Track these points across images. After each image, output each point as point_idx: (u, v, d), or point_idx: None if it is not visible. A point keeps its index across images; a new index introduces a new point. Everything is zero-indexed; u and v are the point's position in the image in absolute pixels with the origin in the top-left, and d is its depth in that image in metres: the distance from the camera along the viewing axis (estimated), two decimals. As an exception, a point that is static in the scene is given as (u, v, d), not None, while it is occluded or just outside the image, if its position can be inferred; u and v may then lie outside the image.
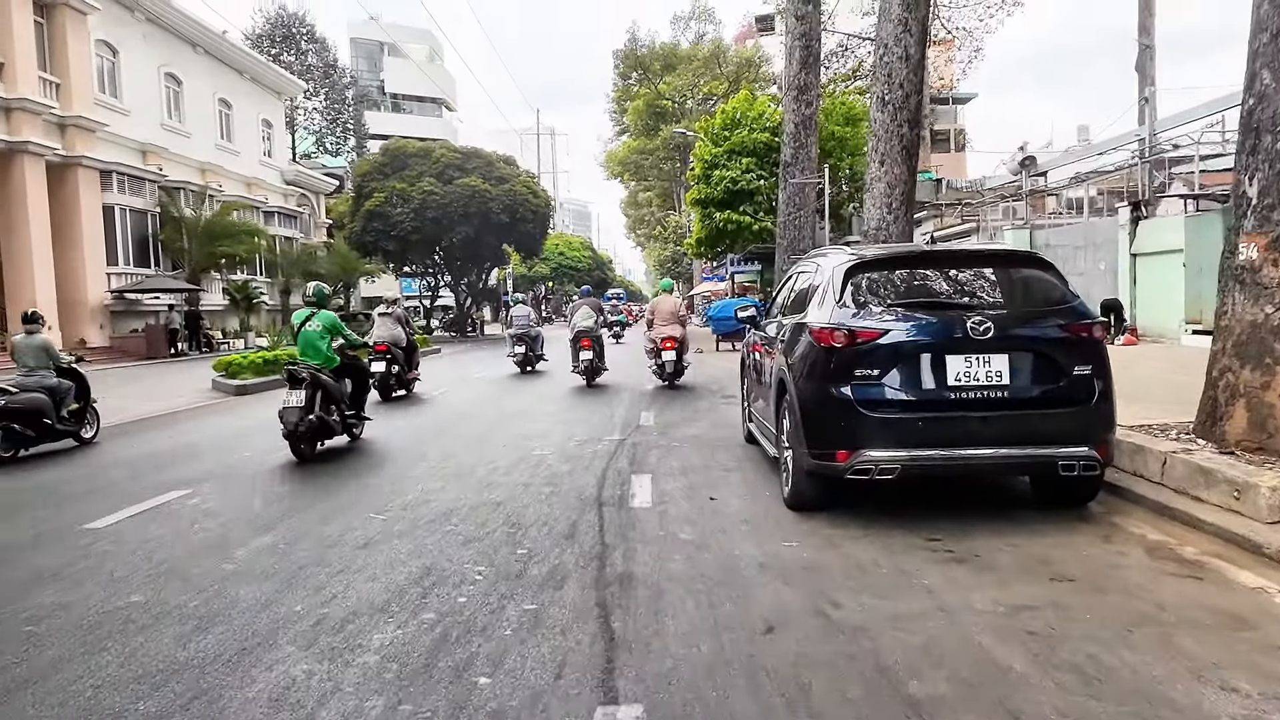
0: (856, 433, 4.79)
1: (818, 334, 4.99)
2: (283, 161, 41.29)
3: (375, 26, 63.49)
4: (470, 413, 11.11)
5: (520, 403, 12.30)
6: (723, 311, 23.48)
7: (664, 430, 8.98)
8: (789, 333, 5.62)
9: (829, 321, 4.97)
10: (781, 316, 6.55)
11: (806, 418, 5.06)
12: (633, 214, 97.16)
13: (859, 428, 4.78)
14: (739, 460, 7.21)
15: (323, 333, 8.32)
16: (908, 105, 14.87)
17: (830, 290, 5.17)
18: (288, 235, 38.35)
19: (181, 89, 31.86)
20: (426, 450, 8.22)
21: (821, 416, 4.97)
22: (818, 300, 5.33)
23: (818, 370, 4.99)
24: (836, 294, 5.09)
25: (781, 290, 6.97)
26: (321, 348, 8.27)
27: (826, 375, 4.91)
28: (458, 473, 7.03)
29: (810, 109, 24.77)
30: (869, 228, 15.42)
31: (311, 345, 8.27)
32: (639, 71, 70.22)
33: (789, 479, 5.44)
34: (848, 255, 5.36)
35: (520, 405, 11.98)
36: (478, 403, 12.48)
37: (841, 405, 4.82)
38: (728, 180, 31.06)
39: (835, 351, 4.87)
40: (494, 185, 36.60)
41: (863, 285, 5.11)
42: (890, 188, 15.07)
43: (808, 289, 5.78)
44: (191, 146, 31.98)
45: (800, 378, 5.17)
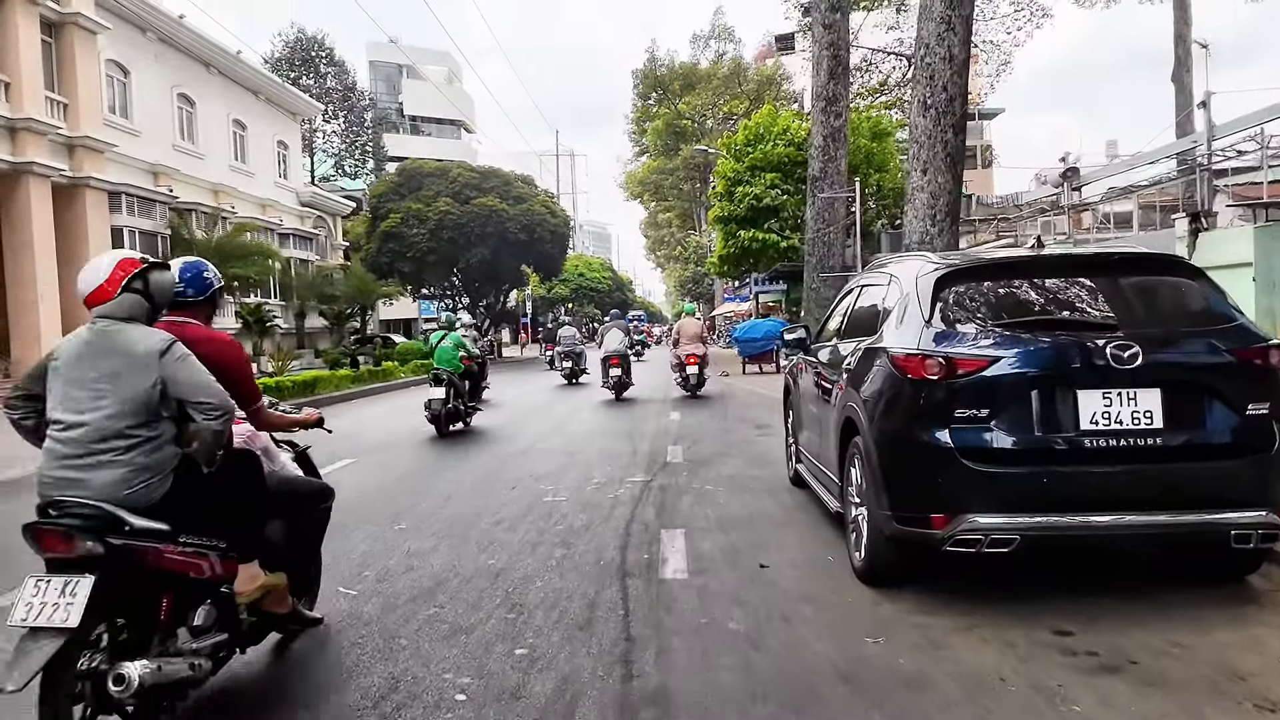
0: (959, 491, 3.67)
1: (903, 363, 3.88)
2: (298, 183, 40.80)
3: (394, 49, 63.51)
4: (493, 441, 10.10)
5: (542, 427, 11.23)
6: (749, 332, 22.38)
7: (694, 468, 7.86)
8: (857, 360, 4.52)
9: (918, 347, 3.85)
10: (838, 340, 5.45)
11: (888, 470, 3.95)
12: (652, 235, 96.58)
13: (962, 485, 3.66)
14: (787, 510, 6.08)
15: (453, 347, 11.62)
16: (952, 109, 13.77)
17: (915, 306, 4.06)
18: (303, 257, 37.75)
19: (195, 110, 31.38)
20: (427, 489, 7.16)
21: (910, 469, 3.85)
22: (897, 319, 4.23)
23: (904, 409, 3.88)
24: (924, 311, 3.98)
25: (838, 308, 5.86)
26: (453, 358, 11.46)
27: (917, 416, 3.80)
28: (449, 529, 5.94)
29: (839, 120, 23.74)
30: (910, 242, 14.29)
31: (446, 356, 11.45)
32: (658, 91, 69.73)
33: (860, 544, 4.32)
34: (935, 262, 4.25)
35: (541, 432, 10.92)
36: (502, 431, 11.47)
37: (938, 455, 3.70)
38: (751, 197, 30.05)
39: (928, 385, 3.75)
40: (511, 205, 35.81)
41: (959, 300, 4.00)
42: (934, 198, 13.95)
43: (879, 305, 4.68)
44: (204, 168, 31.44)
45: (878, 418, 4.06)
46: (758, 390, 17.11)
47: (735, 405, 13.96)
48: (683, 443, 9.63)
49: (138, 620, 2.76)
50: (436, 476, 7.96)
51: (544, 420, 12.71)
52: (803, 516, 5.83)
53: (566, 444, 9.85)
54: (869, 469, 4.09)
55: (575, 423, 12.19)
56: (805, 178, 31.13)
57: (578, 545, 5.24)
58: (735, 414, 12.64)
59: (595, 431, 11.01)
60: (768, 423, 11.31)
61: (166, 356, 2.83)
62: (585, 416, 12.93)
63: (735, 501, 6.37)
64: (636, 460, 8.50)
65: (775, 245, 30.48)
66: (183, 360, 2.86)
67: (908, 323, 4.09)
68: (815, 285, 24.23)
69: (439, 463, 8.87)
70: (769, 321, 23.10)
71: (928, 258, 4.43)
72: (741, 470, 7.71)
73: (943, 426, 3.71)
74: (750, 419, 11.90)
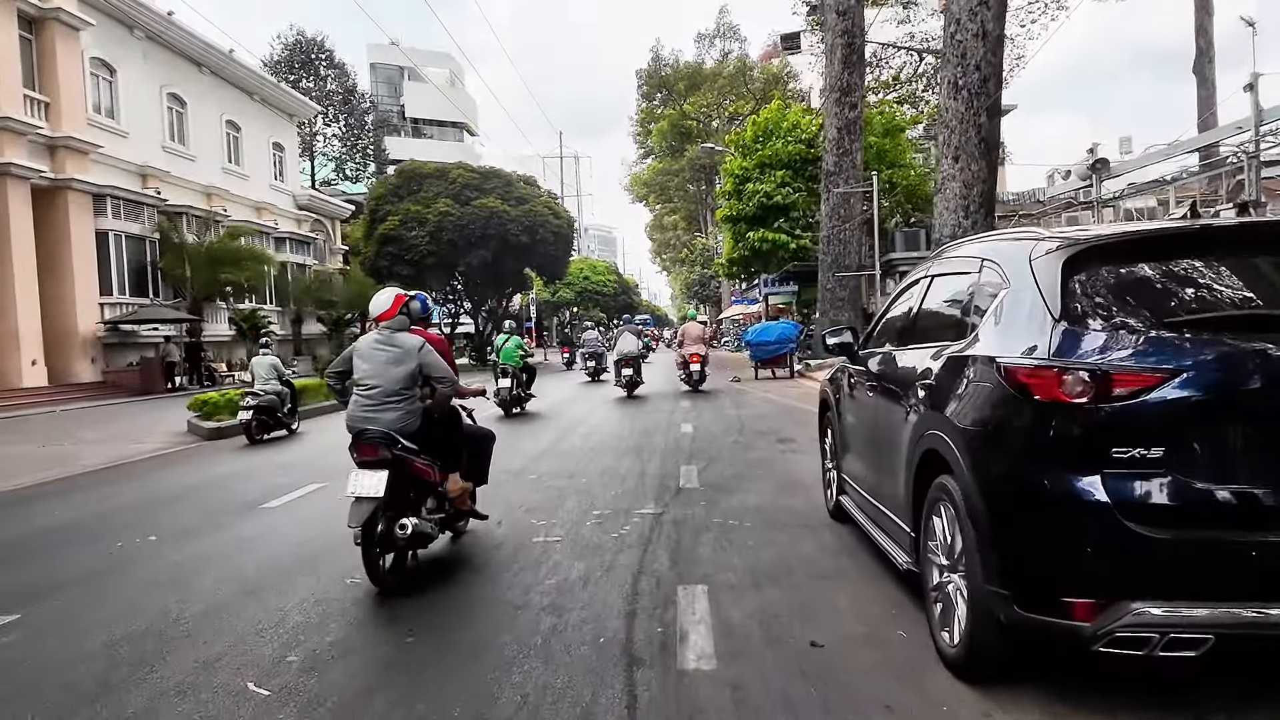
0: (1118, 567, 2.52)
1: (1026, 378, 2.73)
2: (295, 186, 39.83)
3: (395, 51, 62.52)
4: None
5: (538, 444, 10.06)
6: (762, 336, 21.21)
7: (713, 496, 6.70)
8: (942, 373, 3.37)
9: (1049, 356, 2.70)
10: (899, 346, 4.31)
11: (1003, 531, 2.80)
12: (658, 238, 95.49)
13: (1123, 558, 2.51)
14: (832, 555, 4.92)
15: (515, 348, 14.43)
16: (985, 90, 12.60)
17: (1034, 298, 2.91)
18: (300, 262, 36.79)
19: (186, 110, 30.42)
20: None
21: (1039, 532, 2.70)
22: (1002, 317, 3.09)
23: (1027, 445, 2.73)
24: (1051, 305, 2.82)
25: (896, 306, 4.71)
26: (515, 355, 14.30)
27: (1049, 455, 2.65)
28: (426, 580, 4.80)
29: (854, 112, 22.59)
30: (940, 236, 13.11)
31: (509, 354, 14.29)
32: (663, 91, 68.62)
33: (953, 623, 3.17)
34: (1058, 239, 3.08)
35: (537, 450, 9.75)
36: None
37: (1084, 512, 2.55)
38: (761, 195, 28.88)
39: (1068, 411, 2.60)
40: (513, 206, 34.72)
41: (1098, 289, 2.84)
42: (966, 187, 12.77)
43: (966, 298, 3.53)
44: (196, 170, 30.47)
45: (984, 455, 2.91)
46: (774, 397, 15.95)
47: (752, 415, 12.79)
48: (697, 461, 8.47)
49: (402, 500, 4.61)
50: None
51: (544, 434, 11.57)
52: (854, 567, 4.67)
53: (565, 464, 8.71)
54: (969, 525, 2.94)
55: (577, 436, 11.06)
56: (816, 176, 29.99)
57: (571, 611, 4.09)
58: (753, 426, 11.48)
59: (599, 447, 9.86)
60: (791, 436, 10.16)
61: (422, 351, 4.80)
62: (590, 427, 11.80)
63: (766, 543, 5.21)
64: (645, 484, 7.34)
65: (785, 245, 29.29)
66: (428, 352, 4.83)
67: (1021, 321, 2.94)
68: (830, 285, 23.03)
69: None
70: (782, 324, 21.93)
71: (1039, 234, 3.27)
72: (769, 499, 6.54)
73: (1092, 471, 2.56)
74: (770, 431, 10.74)
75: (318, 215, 41.12)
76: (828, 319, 23.03)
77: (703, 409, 14.05)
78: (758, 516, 5.92)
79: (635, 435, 10.93)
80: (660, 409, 14.35)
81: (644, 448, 9.63)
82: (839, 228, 22.16)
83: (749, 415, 12.80)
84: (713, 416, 12.84)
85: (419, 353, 4.77)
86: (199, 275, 27.37)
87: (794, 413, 13.04)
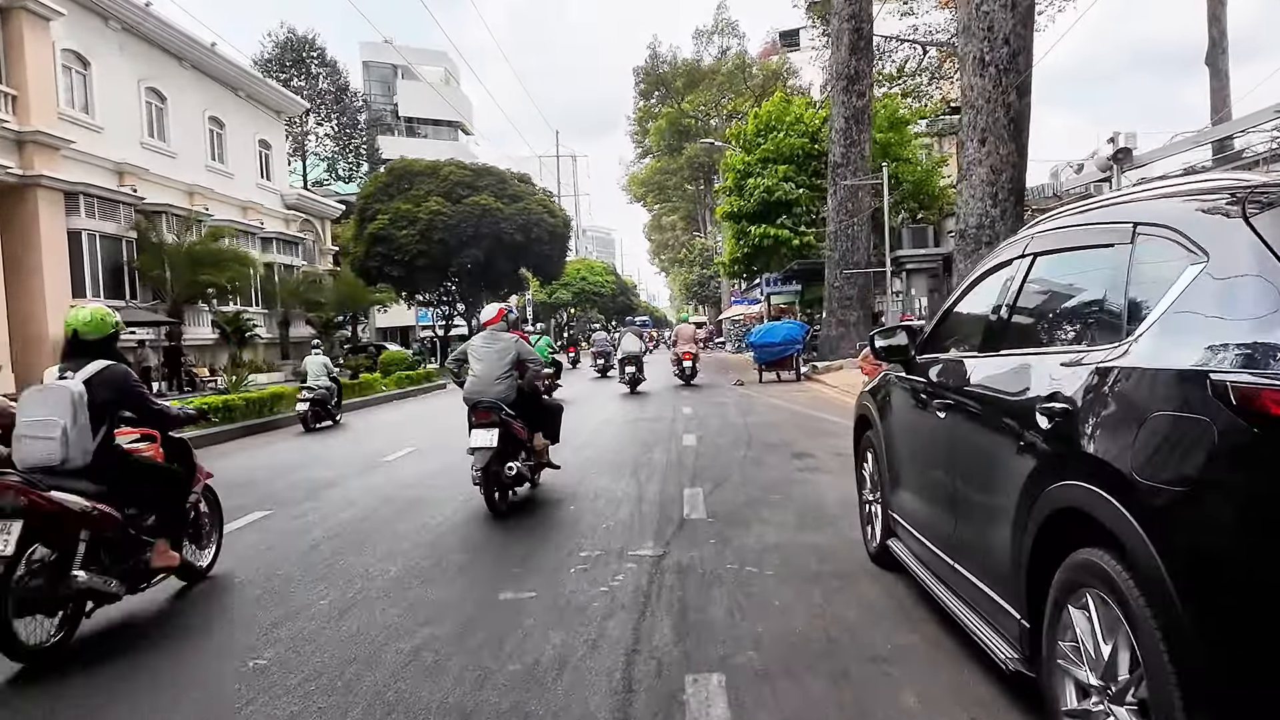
0: None
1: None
2: (283, 185, 38.68)
3: (388, 49, 61.36)
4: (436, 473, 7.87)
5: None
6: (766, 336, 20.05)
7: (724, 531, 5.57)
8: (1084, 392, 2.25)
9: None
10: (974, 351, 3.20)
11: (1236, 656, 1.68)
12: (656, 238, 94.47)
13: None
14: (887, 622, 3.77)
15: (545, 347, 16.29)
16: (1015, 66, 11.48)
17: (1256, 280, 1.80)
18: (288, 263, 35.62)
19: (166, 105, 29.27)
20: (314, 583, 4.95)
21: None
22: (1192, 306, 1.97)
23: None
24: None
25: (969, 299, 3.58)
26: (545, 354, 14.46)
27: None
28: (348, 684, 3.72)
29: (862, 101, 21.48)
30: (966, 226, 12.02)
31: (541, 351, 12.60)
32: (661, 89, 67.56)
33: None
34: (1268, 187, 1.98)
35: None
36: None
37: None
38: (763, 190, 27.78)
39: None
40: (506, 204, 33.57)
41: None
42: (994, 172, 11.66)
43: (1110, 283, 2.40)
44: (177, 167, 29.31)
45: (1193, 527, 1.79)
46: (782, 403, 14.83)
47: (760, 424, 11.68)
48: (702, 482, 7.34)
49: (505, 451, 6.37)
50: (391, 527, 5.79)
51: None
52: (919, 644, 3.53)
53: (550, 483, 7.59)
54: (1155, 639, 1.82)
55: (567, 449, 9.95)
56: (820, 171, 28.87)
57: (538, 717, 2.97)
58: (763, 436, 10.35)
59: (589, 462, 8.73)
60: (807, 450, 9.04)
61: (518, 344, 6.74)
62: (583, 441, 10.69)
63: (796, 602, 4.08)
64: (643, 513, 6.21)
65: (788, 242, 28.19)
66: (523, 345, 6.85)
67: (1237, 314, 1.82)
68: (838, 283, 21.92)
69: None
70: (787, 324, 20.77)
71: (1243, 180, 2.16)
72: (791, 535, 5.41)
73: None
74: (783, 444, 9.61)
75: (307, 215, 39.97)
76: (835, 318, 21.92)
77: (707, 416, 12.94)
78: (780, 561, 4.79)
79: (635, 446, 9.82)
80: (661, 416, 13.25)
81: (642, 465, 8.51)
82: (847, 222, 21.05)
83: (757, 424, 11.68)
84: (718, 425, 11.72)
85: (515, 345, 6.73)
86: (179, 276, 26.25)
87: (806, 421, 11.93)
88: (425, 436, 11.89)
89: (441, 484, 7.80)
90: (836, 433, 10.48)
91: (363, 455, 10.25)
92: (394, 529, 6.06)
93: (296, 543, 5.77)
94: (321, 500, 7.41)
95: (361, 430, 13.92)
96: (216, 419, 13.81)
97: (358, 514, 6.72)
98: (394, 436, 12.08)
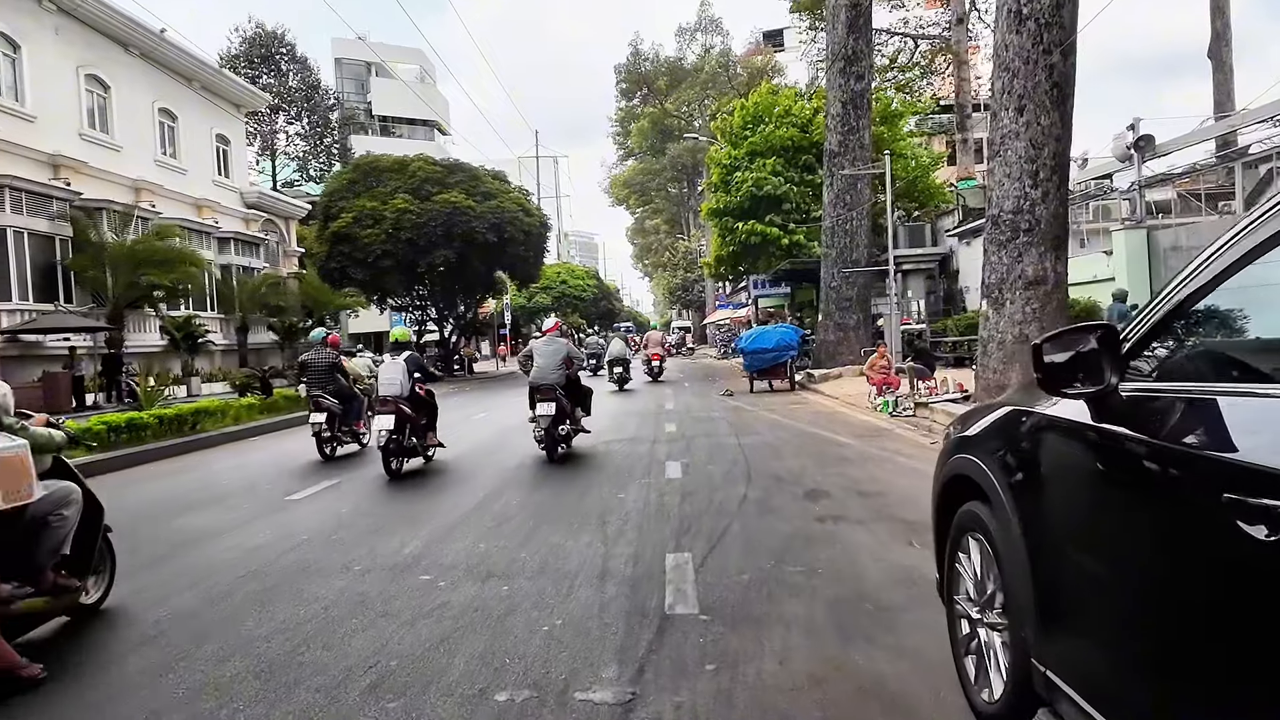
0: None
1: None
2: (243, 182, 36.53)
3: (361, 47, 59.26)
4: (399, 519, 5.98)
5: (469, 497, 7.08)
6: (758, 342, 18.19)
7: (726, 645, 3.63)
8: None
9: None
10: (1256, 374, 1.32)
11: None
12: (640, 242, 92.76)
13: None
14: None
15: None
16: (1059, 19, 9.65)
17: None
18: (248, 264, 33.48)
19: (109, 95, 27.12)
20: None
21: None
22: None
23: None
24: None
25: (1240, 273, 1.71)
26: None
27: None
28: None
29: (861, 84, 19.69)
30: (1001, 211, 10.21)
31: None
32: (643, 89, 65.82)
33: None
34: None
35: (452, 520, 6.77)
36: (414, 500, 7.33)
37: None
38: (751, 184, 25.99)
39: None
40: (479, 202, 31.60)
41: None
42: (1034, 146, 9.85)
43: None
44: (121, 161, 27.16)
45: None
46: (780, 419, 12.98)
47: (758, 447, 9.83)
48: (692, 540, 5.46)
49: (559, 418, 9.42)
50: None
51: (474, 486, 8.61)
52: None
53: (489, 543, 5.69)
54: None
55: (514, 490, 8.06)
56: (811, 165, 27.09)
57: None
58: (765, 466, 8.49)
59: (535, 509, 6.83)
60: (822, 486, 7.19)
61: (569, 346, 9.85)
62: (525, 479, 8.84)
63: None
64: (604, 601, 4.31)
65: (778, 240, 26.38)
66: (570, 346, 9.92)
67: None
68: (835, 283, 20.09)
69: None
70: (781, 328, 18.90)
71: None
72: (833, 654, 3.49)
73: None
74: (791, 478, 7.75)
75: (270, 215, 37.81)
76: (832, 322, 20.11)
77: (694, 436, 11.10)
78: (828, 714, 2.90)
79: (603, 482, 7.93)
80: (641, 436, 11.39)
81: (611, 510, 6.62)
82: (844, 216, 19.25)
83: (754, 447, 9.83)
84: (707, 448, 9.87)
85: (566, 347, 9.74)
86: (120, 278, 24.08)
87: (812, 443, 10.11)
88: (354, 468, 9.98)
89: (345, 538, 5.90)
90: (852, 459, 8.64)
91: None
92: (239, 630, 4.13)
93: (102, 652, 3.83)
94: (169, 569, 5.46)
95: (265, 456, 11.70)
96: (124, 437, 11.91)
97: (214, 593, 4.78)
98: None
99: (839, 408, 14.39)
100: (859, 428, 11.40)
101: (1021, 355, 9.75)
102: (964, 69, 32.93)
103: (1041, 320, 9.59)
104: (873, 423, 11.98)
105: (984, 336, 10.22)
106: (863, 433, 10.83)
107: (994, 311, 9.97)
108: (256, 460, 11.10)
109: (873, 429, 11.24)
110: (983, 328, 10.29)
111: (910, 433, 10.62)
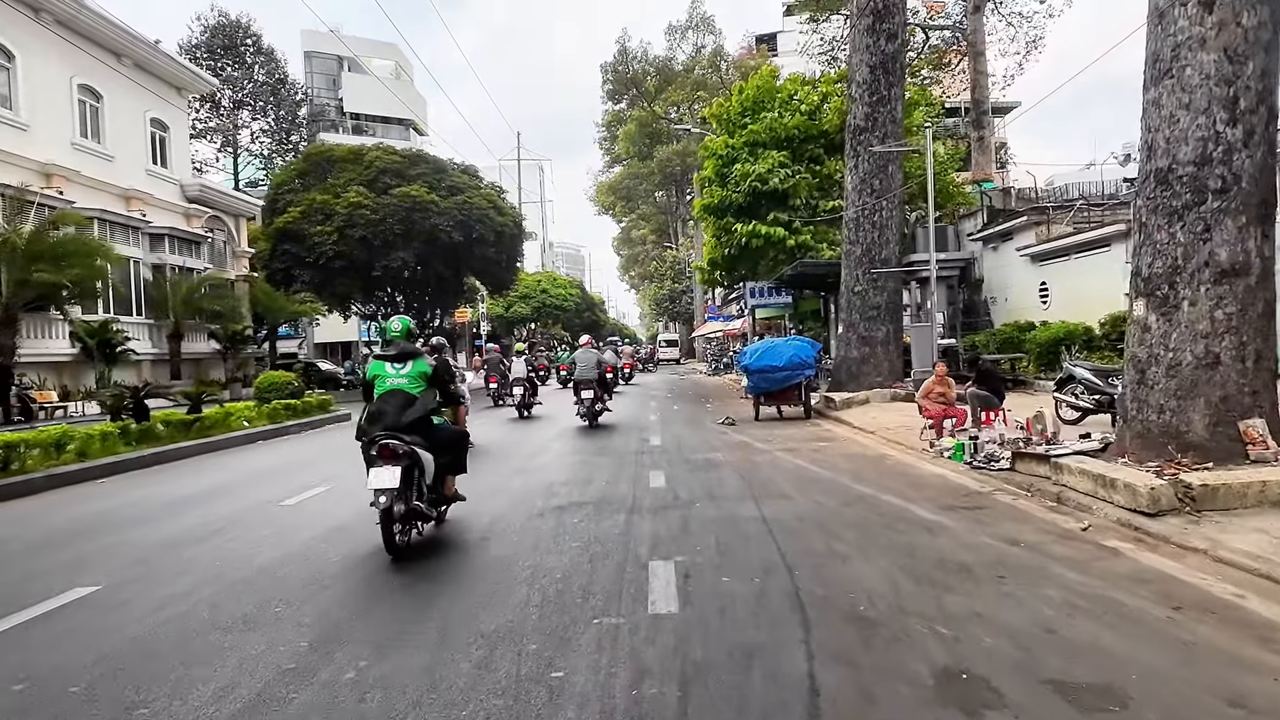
0: None
1: None
2: (184, 173, 32.73)
3: (332, 40, 55.70)
4: None
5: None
6: (766, 358, 14.64)
7: None
8: None
9: None
10: None
11: None
12: (626, 253, 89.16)
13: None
14: None
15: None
16: None
17: None
18: (184, 264, 29.69)
19: (12, 66, 23.46)
20: None
21: None
22: None
23: None
24: None
25: None
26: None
27: None
28: None
29: (893, 44, 16.09)
30: (1173, 161, 6.62)
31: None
32: (632, 91, 62.43)
33: None
34: None
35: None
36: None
37: None
38: (754, 177, 22.51)
39: None
40: (443, 196, 28.06)
41: None
42: (1233, 61, 6.39)
43: None
44: (27, 142, 23.44)
45: None
46: (806, 464, 9.39)
47: (796, 530, 6.29)
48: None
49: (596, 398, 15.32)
50: None
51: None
52: None
53: None
54: None
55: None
56: (819, 156, 23.62)
57: None
58: (819, 577, 4.98)
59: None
60: (960, 660, 3.63)
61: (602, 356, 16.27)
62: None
63: None
64: None
65: (782, 242, 22.88)
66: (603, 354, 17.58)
67: None
68: (860, 288, 16.47)
69: None
70: (794, 343, 15.28)
71: None
72: None
73: None
74: (879, 617, 4.26)
75: (216, 211, 33.94)
76: (855, 334, 16.57)
77: (691, 501, 7.55)
78: None
79: (523, 635, 4.39)
80: (611, 499, 7.81)
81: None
82: (873, 205, 15.73)
83: (790, 529, 6.28)
84: (715, 534, 6.28)
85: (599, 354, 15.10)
86: (10, 274, 20.33)
87: (879, 521, 6.54)
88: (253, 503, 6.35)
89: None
90: (975, 569, 5.12)
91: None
92: None
93: None
94: None
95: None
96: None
97: None
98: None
99: (880, 447, 10.89)
100: (935, 488, 7.82)
101: (1211, 385, 6.28)
102: (980, 61, 29.86)
103: (1241, 331, 6.13)
104: (948, 478, 8.35)
105: (1138, 356, 6.73)
106: (949, 500, 7.15)
107: (1159, 317, 6.50)
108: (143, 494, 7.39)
109: (957, 491, 7.60)
110: (1135, 342, 6.80)
111: (1026, 501, 7.01)
